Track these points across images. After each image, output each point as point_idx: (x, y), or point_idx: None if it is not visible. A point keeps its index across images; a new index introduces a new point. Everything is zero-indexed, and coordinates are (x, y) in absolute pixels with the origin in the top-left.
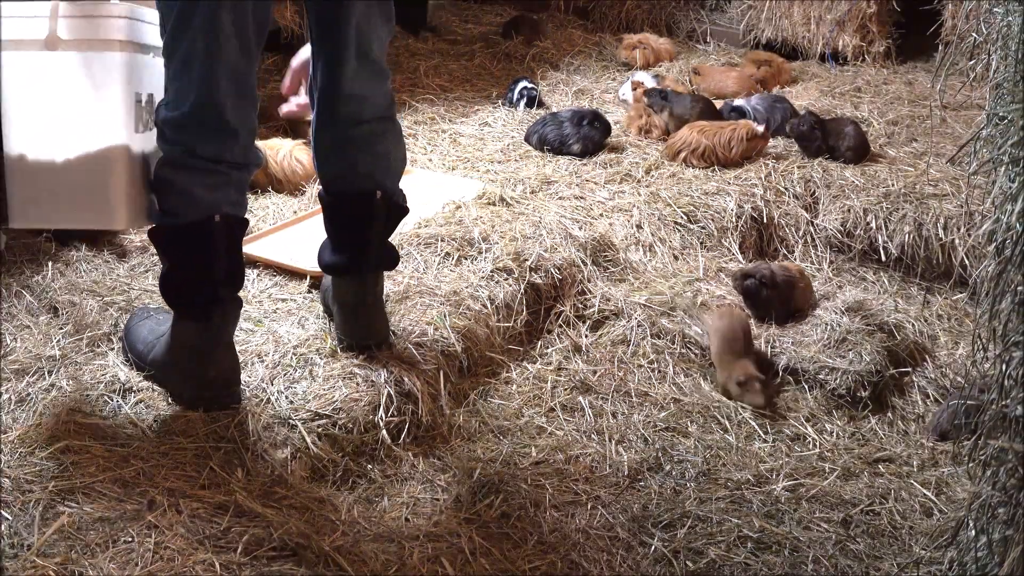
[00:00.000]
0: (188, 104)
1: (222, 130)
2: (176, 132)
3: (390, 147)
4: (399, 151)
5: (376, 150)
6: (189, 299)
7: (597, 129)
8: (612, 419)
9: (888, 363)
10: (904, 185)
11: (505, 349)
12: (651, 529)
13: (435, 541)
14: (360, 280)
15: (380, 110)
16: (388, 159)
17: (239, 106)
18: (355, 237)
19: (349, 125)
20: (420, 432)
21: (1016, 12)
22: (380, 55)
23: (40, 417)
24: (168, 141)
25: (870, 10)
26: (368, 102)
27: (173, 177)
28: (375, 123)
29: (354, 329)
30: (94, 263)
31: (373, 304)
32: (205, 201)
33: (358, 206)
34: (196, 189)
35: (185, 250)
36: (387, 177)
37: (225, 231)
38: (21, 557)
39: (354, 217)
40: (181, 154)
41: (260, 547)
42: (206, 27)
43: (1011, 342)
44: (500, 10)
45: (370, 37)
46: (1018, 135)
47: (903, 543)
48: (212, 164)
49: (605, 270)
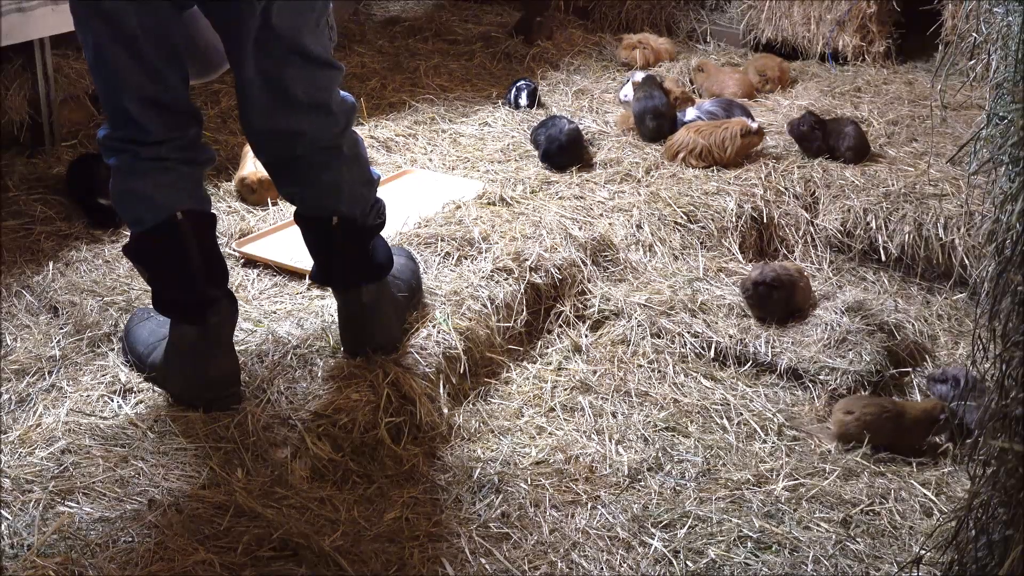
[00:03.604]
0: (109, 113)
1: (149, 138)
2: (113, 140)
3: (338, 175)
4: (354, 174)
5: (321, 180)
6: (177, 303)
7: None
8: (612, 419)
9: (888, 363)
10: (904, 185)
11: (505, 349)
12: (651, 529)
13: (435, 541)
14: (342, 291)
15: (320, 143)
16: (338, 186)
17: (157, 115)
18: (320, 255)
19: (281, 160)
20: (420, 432)
21: (1016, 12)
22: (308, 96)
23: (40, 417)
24: (110, 150)
25: (870, 10)
26: (299, 138)
27: (129, 185)
28: (314, 154)
29: (347, 336)
30: (94, 263)
31: (361, 314)
32: (163, 201)
33: (314, 229)
34: (152, 191)
35: (157, 255)
36: (341, 203)
37: (191, 226)
38: (21, 557)
39: (314, 238)
40: (128, 160)
41: (260, 547)
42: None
43: (1011, 342)
44: (500, 10)
45: (285, 72)
46: (1018, 135)
47: (903, 543)
48: (156, 162)
49: (605, 270)
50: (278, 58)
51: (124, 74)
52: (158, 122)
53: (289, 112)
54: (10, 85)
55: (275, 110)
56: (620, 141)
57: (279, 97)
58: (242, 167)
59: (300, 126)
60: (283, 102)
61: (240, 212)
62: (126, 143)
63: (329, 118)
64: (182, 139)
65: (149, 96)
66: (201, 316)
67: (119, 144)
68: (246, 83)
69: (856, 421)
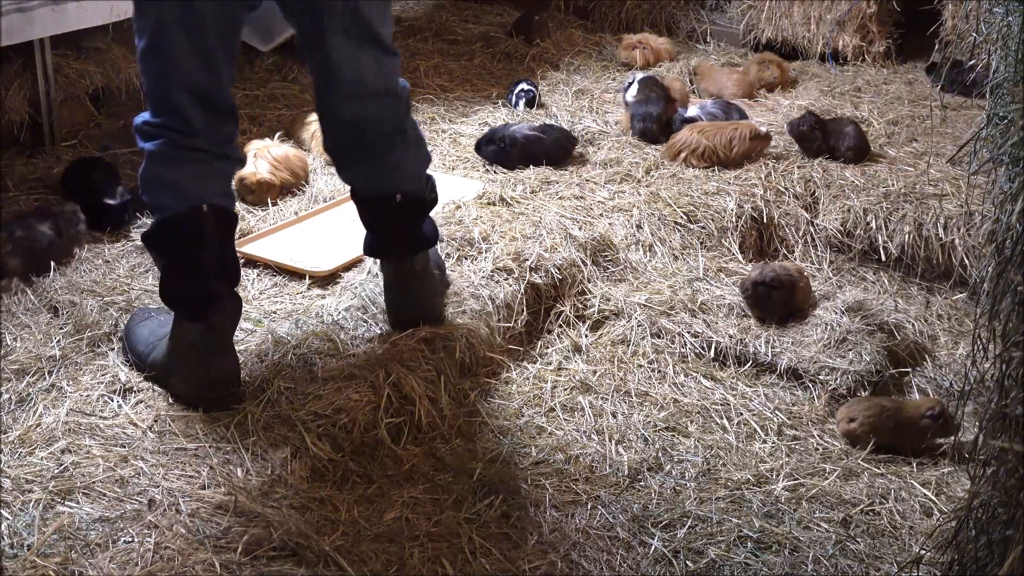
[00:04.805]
0: (153, 100)
1: (192, 130)
2: (152, 127)
3: (401, 156)
4: (416, 154)
5: (386, 160)
6: (185, 297)
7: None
8: (612, 419)
9: (888, 363)
10: (904, 185)
11: (505, 349)
12: (651, 529)
13: (435, 541)
14: (396, 263)
15: (389, 126)
16: (402, 166)
17: (203, 107)
18: (378, 230)
19: (352, 144)
20: (420, 432)
21: (1016, 12)
22: (381, 82)
23: (40, 417)
24: (148, 135)
25: (870, 10)
26: (373, 123)
27: (160, 172)
28: (383, 137)
29: (398, 306)
30: (94, 263)
31: (414, 282)
32: (192, 191)
33: (378, 207)
34: (182, 181)
35: (176, 244)
36: (404, 182)
37: (214, 222)
38: (21, 557)
39: (377, 215)
40: (164, 147)
41: (260, 547)
42: (155, 15)
43: (1011, 342)
44: (500, 10)
45: (363, 57)
46: (1018, 135)
47: (903, 543)
48: (191, 153)
49: (605, 270)
50: (359, 44)
51: (180, 61)
52: (202, 116)
53: (367, 97)
54: (10, 85)
55: (354, 95)
56: (620, 141)
57: (358, 83)
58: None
59: (376, 111)
60: (361, 87)
61: (240, 212)
62: (166, 130)
63: (397, 103)
64: (220, 136)
65: (200, 87)
66: (204, 314)
67: (158, 131)
68: (330, 67)
69: (860, 426)
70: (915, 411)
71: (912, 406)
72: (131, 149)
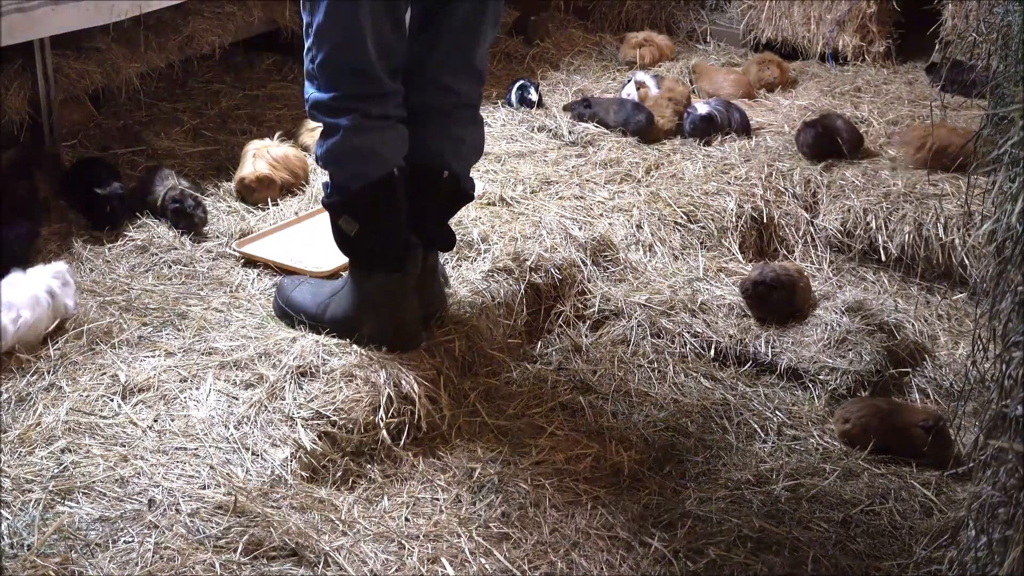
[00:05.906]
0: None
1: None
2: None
3: (466, 133)
4: (475, 139)
5: (450, 131)
6: (385, 254)
7: None
8: (612, 419)
9: (888, 363)
10: (904, 185)
11: (505, 349)
12: (651, 529)
13: (435, 541)
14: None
15: (470, 101)
16: (461, 144)
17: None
18: (418, 204)
19: (430, 111)
20: (420, 432)
21: (1016, 12)
22: (478, 57)
23: (40, 417)
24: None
25: (870, 10)
26: (453, 95)
27: (358, 143)
28: (461, 110)
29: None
30: (94, 263)
31: (429, 275)
32: (389, 157)
33: (422, 179)
34: (380, 149)
35: (375, 208)
36: (456, 160)
37: (403, 180)
38: (21, 557)
39: (418, 189)
40: (358, 120)
41: (260, 547)
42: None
43: (1011, 342)
44: None
45: (471, 37)
46: (1018, 135)
47: (903, 543)
48: (383, 121)
49: (605, 270)
50: (484, 15)
51: (375, 19)
52: (390, 72)
53: (464, 70)
54: (10, 85)
55: (454, 65)
56: (620, 141)
57: (461, 53)
58: (242, 167)
59: (460, 85)
60: (463, 60)
61: (240, 212)
62: (357, 101)
63: (481, 80)
64: (399, 94)
65: (390, 43)
66: (402, 265)
67: (349, 104)
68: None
69: (852, 427)
70: (910, 418)
71: (909, 412)
72: (131, 149)
